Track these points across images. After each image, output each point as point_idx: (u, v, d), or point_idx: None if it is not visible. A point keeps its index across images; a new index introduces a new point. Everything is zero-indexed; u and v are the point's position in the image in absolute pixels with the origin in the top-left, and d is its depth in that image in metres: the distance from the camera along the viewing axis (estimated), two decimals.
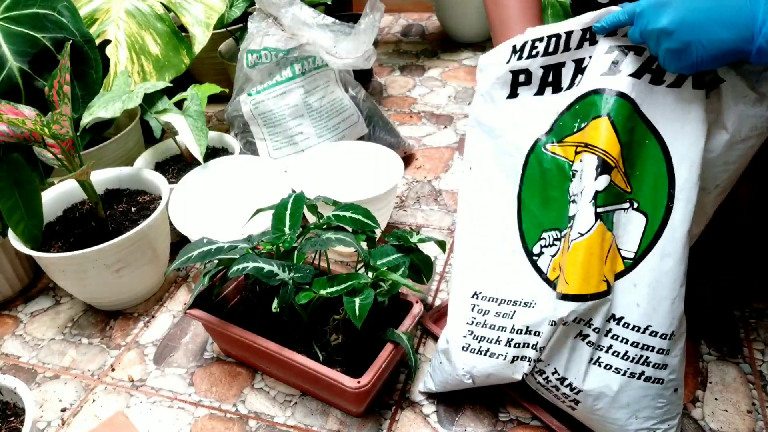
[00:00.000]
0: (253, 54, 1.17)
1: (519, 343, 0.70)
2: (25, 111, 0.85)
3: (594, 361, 0.66)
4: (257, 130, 1.20)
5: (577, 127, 0.68)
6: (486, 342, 0.72)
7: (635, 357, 0.64)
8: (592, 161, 0.65)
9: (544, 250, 0.71)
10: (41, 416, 0.83)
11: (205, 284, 0.79)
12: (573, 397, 0.68)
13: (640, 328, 0.64)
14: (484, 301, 0.73)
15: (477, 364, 0.73)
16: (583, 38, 0.68)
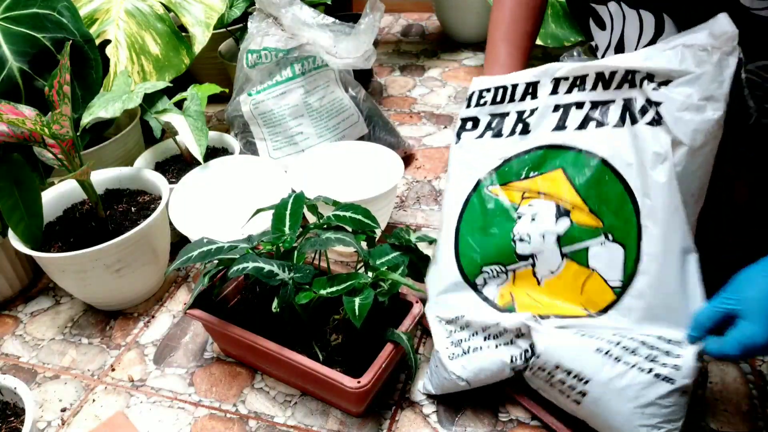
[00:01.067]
0: (253, 54, 1.17)
1: (499, 333, 0.73)
2: (25, 111, 0.85)
3: (604, 352, 0.66)
4: (257, 130, 1.20)
5: (525, 175, 0.75)
6: (466, 342, 0.75)
7: (646, 355, 0.64)
8: (549, 208, 0.73)
9: (488, 281, 0.76)
10: (41, 416, 0.83)
11: (205, 284, 0.79)
12: (580, 389, 0.68)
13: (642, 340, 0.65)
14: (450, 324, 0.78)
15: (465, 364, 0.74)
16: (526, 92, 0.76)
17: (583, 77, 0.72)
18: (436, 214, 1.14)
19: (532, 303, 0.73)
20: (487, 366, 0.73)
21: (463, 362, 0.75)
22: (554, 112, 0.74)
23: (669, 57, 0.65)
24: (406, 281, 0.75)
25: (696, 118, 0.64)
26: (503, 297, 0.75)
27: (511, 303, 0.74)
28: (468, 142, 0.80)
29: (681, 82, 0.64)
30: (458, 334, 0.76)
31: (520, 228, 0.74)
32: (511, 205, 0.76)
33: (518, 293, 0.74)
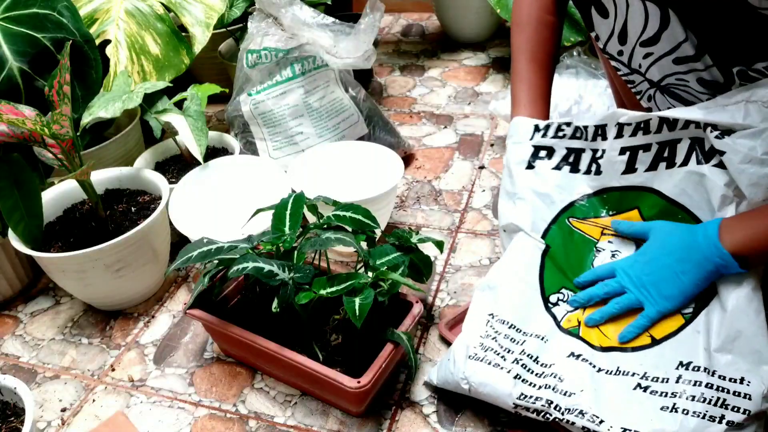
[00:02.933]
0: (253, 54, 1.17)
1: (526, 366, 0.71)
2: (25, 111, 0.85)
3: (668, 408, 0.65)
4: (257, 130, 1.20)
5: (606, 213, 0.80)
6: (493, 353, 0.73)
7: (712, 399, 0.63)
8: (629, 246, 0.77)
9: (560, 303, 0.77)
10: (41, 416, 0.83)
11: (205, 284, 0.79)
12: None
13: (711, 371, 0.65)
14: (498, 323, 0.75)
15: (477, 371, 0.72)
16: (596, 133, 0.79)
17: (647, 122, 0.74)
18: (436, 214, 1.14)
19: (597, 333, 0.73)
20: (495, 386, 0.71)
21: (477, 368, 0.72)
22: (621, 155, 0.77)
23: (732, 113, 0.67)
24: (406, 281, 0.75)
25: (759, 171, 0.65)
26: (570, 321, 0.75)
27: (577, 329, 0.74)
28: (544, 171, 0.82)
29: (745, 135, 0.66)
30: (495, 342, 0.74)
31: (600, 261, 0.77)
32: (591, 239, 0.79)
33: (583, 320, 0.75)
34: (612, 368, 0.69)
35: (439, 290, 0.97)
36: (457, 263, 1.01)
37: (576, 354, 0.71)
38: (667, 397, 0.65)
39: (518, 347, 0.73)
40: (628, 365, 0.69)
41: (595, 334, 0.73)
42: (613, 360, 0.70)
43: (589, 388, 0.68)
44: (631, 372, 0.68)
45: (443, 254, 1.03)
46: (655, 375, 0.67)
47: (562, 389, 0.68)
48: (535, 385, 0.69)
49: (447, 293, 0.96)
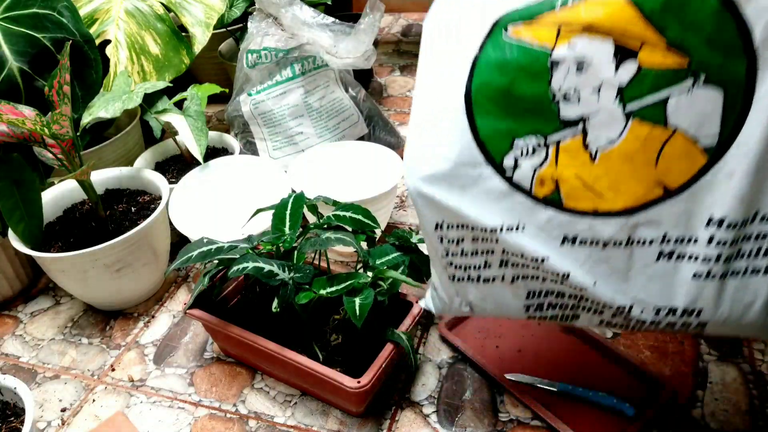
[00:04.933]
0: (253, 54, 1.17)
1: (517, 263, 0.58)
2: (25, 111, 0.85)
3: (703, 276, 0.53)
4: (257, 130, 1.20)
5: (562, 2, 0.52)
6: (473, 270, 0.61)
7: (755, 251, 0.52)
8: (604, 49, 0.51)
9: (521, 161, 0.56)
10: (41, 416, 0.83)
11: (205, 284, 0.79)
12: (696, 322, 0.55)
13: (747, 220, 0.51)
14: (452, 230, 0.59)
15: (471, 290, 0.62)
16: None
17: None
18: None
19: (584, 193, 0.55)
20: (499, 298, 0.61)
21: (469, 288, 0.62)
22: None
23: None
24: (406, 279, 0.75)
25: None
26: (543, 184, 0.56)
27: (555, 192, 0.55)
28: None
29: None
30: (463, 260, 0.60)
31: (561, 80, 0.53)
32: (541, 49, 0.53)
33: (564, 177, 0.55)
34: (620, 238, 0.54)
35: None
36: None
37: (570, 237, 0.56)
38: (698, 262, 0.53)
39: (495, 246, 0.58)
40: (646, 231, 0.54)
41: (584, 196, 0.55)
42: (622, 228, 0.54)
43: (603, 276, 0.55)
44: (644, 240, 0.54)
45: None
46: (678, 236, 0.53)
47: (570, 284, 0.57)
48: (538, 278, 0.58)
49: None
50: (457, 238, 0.60)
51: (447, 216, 0.59)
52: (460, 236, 0.60)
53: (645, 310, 0.55)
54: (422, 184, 0.58)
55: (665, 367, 0.81)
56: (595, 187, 0.54)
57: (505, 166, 0.57)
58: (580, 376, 0.79)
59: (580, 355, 0.82)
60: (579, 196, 0.55)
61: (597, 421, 0.74)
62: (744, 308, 0.53)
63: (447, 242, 0.61)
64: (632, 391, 0.77)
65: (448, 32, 0.58)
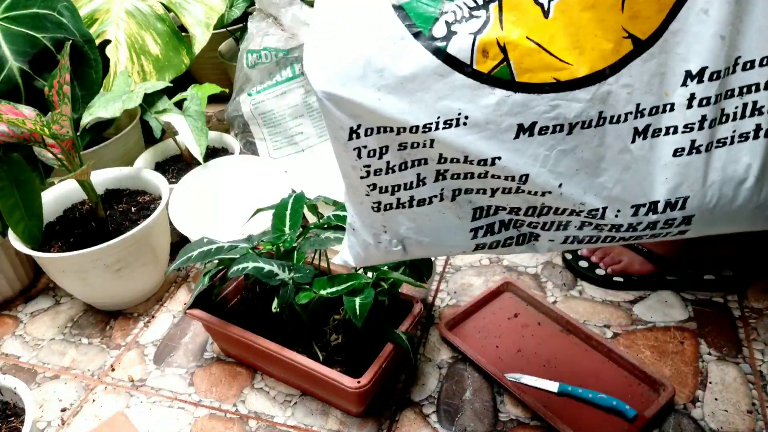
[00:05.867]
0: (253, 54, 1.17)
1: (458, 173, 0.47)
2: (25, 111, 0.85)
3: (687, 149, 0.44)
4: (257, 130, 1.20)
5: None
6: (404, 190, 0.49)
7: (741, 108, 0.44)
8: None
9: (454, 27, 0.44)
10: (41, 416, 0.83)
11: (205, 284, 0.79)
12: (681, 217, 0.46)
13: (729, 68, 0.43)
14: (372, 137, 0.47)
15: (402, 220, 0.50)
16: None
17: None
18: None
19: (540, 59, 0.43)
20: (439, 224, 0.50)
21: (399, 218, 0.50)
22: None
23: None
24: (407, 279, 0.75)
25: None
26: (488, 54, 0.44)
27: (504, 63, 0.44)
28: None
29: None
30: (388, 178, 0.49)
31: None
32: None
33: (514, 41, 0.43)
34: (591, 116, 0.44)
35: (439, 290, 0.97)
36: (457, 263, 1.01)
37: (528, 125, 0.44)
38: (678, 133, 0.44)
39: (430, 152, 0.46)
40: (613, 103, 0.44)
41: (540, 64, 0.43)
42: (592, 101, 0.43)
43: (570, 173, 0.45)
44: (617, 115, 0.44)
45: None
46: (653, 104, 0.44)
47: (527, 190, 0.46)
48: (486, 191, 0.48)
49: (447, 293, 0.96)
50: (380, 148, 0.47)
51: (364, 118, 0.46)
52: (382, 144, 0.47)
53: (621, 211, 0.45)
54: (332, 83, 0.45)
55: (665, 367, 0.81)
56: (553, 48, 0.43)
57: (435, 35, 0.44)
58: (580, 376, 0.79)
59: (580, 355, 0.82)
60: (534, 65, 0.43)
61: (597, 422, 0.74)
62: (735, 188, 0.45)
63: (367, 155, 0.48)
64: (632, 391, 0.77)
65: None
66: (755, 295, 0.91)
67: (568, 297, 0.94)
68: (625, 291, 0.93)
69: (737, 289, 0.91)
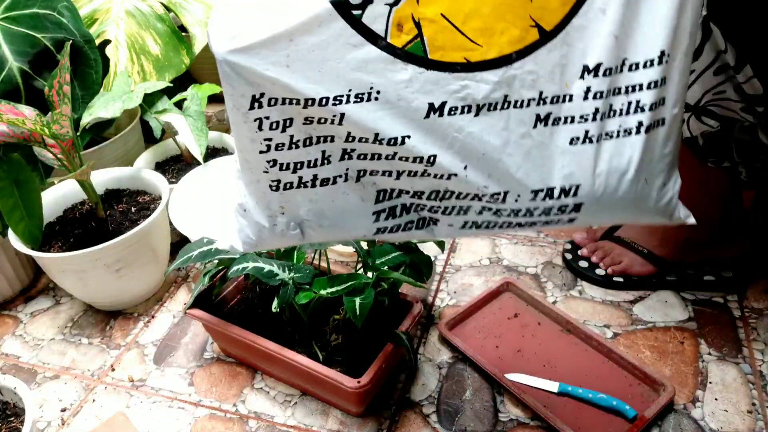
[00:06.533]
0: None
1: (365, 153, 0.46)
2: (25, 111, 0.85)
3: (581, 139, 0.47)
4: None
5: None
6: (307, 168, 0.47)
7: (626, 106, 0.47)
8: None
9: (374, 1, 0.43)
10: (41, 416, 0.83)
11: (205, 284, 0.79)
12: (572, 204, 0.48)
13: (617, 67, 0.46)
14: (275, 108, 0.45)
15: (302, 201, 0.48)
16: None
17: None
18: None
19: (453, 38, 0.44)
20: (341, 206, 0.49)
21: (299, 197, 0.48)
22: None
23: None
24: (408, 279, 0.75)
25: None
26: (402, 28, 0.43)
27: (417, 39, 0.43)
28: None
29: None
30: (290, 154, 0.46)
31: None
32: None
33: (429, 16, 0.43)
34: (497, 98, 0.45)
35: (439, 290, 0.97)
36: (457, 263, 1.01)
37: (438, 105, 0.44)
38: (575, 123, 0.46)
39: (338, 129, 0.45)
40: (518, 88, 0.45)
41: (453, 43, 0.44)
42: (499, 84, 0.45)
43: (475, 156, 0.46)
44: (522, 100, 0.45)
45: (443, 254, 1.03)
46: (554, 93, 0.46)
47: (434, 173, 0.46)
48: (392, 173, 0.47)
49: (447, 293, 0.96)
50: (284, 120, 0.45)
51: (269, 87, 0.44)
52: (286, 117, 0.45)
53: (521, 196, 0.47)
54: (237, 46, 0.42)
55: (665, 367, 0.81)
56: (466, 29, 0.43)
57: (351, 1, 0.42)
58: (580, 376, 0.79)
59: (580, 355, 0.82)
60: (446, 44, 0.43)
61: (597, 422, 0.74)
62: (619, 178, 0.48)
63: (269, 128, 0.45)
64: (632, 391, 0.77)
65: None
66: (755, 295, 0.91)
67: (568, 297, 0.94)
68: (625, 291, 0.93)
69: (737, 289, 0.92)
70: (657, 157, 0.49)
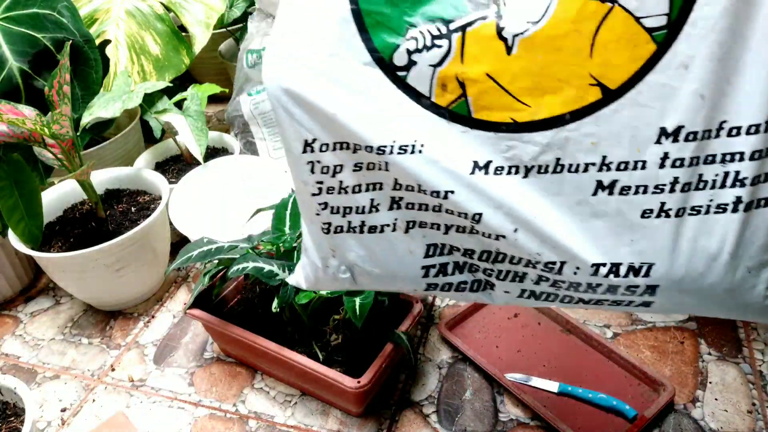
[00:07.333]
0: (253, 54, 1.17)
1: (413, 203, 0.46)
2: (25, 111, 0.85)
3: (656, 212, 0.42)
4: (257, 130, 1.20)
5: None
6: (356, 213, 0.48)
7: (720, 178, 0.41)
8: None
9: (416, 58, 0.44)
10: (41, 416, 0.83)
11: (205, 284, 0.79)
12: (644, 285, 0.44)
13: (707, 131, 0.40)
14: (328, 153, 0.46)
15: (352, 245, 0.49)
16: None
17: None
18: None
19: (499, 98, 0.42)
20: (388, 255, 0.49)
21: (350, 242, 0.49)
22: None
23: None
24: None
25: None
26: (446, 88, 0.43)
27: (462, 99, 0.43)
28: None
29: None
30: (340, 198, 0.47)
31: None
32: None
33: (473, 76, 0.43)
34: (548, 161, 0.42)
35: None
36: None
37: (483, 163, 0.43)
38: (648, 194, 0.42)
39: (385, 177, 0.45)
40: (572, 152, 0.42)
41: (498, 103, 0.43)
42: (549, 146, 0.42)
43: (523, 218, 0.43)
44: (578, 164, 0.42)
45: None
46: (621, 159, 0.42)
47: (481, 231, 0.45)
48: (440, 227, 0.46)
49: None
50: (335, 166, 0.46)
51: (321, 130, 0.45)
52: (338, 162, 0.46)
53: (580, 268, 0.43)
54: (288, 82, 0.44)
55: (665, 367, 0.81)
56: (513, 88, 0.42)
57: (396, 63, 0.43)
58: (580, 376, 0.79)
59: (580, 355, 0.83)
60: (492, 104, 0.42)
61: (597, 422, 0.74)
62: (706, 262, 0.42)
63: (320, 171, 0.47)
64: (632, 391, 0.77)
65: None
66: None
67: None
68: None
69: None
70: (766, 243, 0.42)
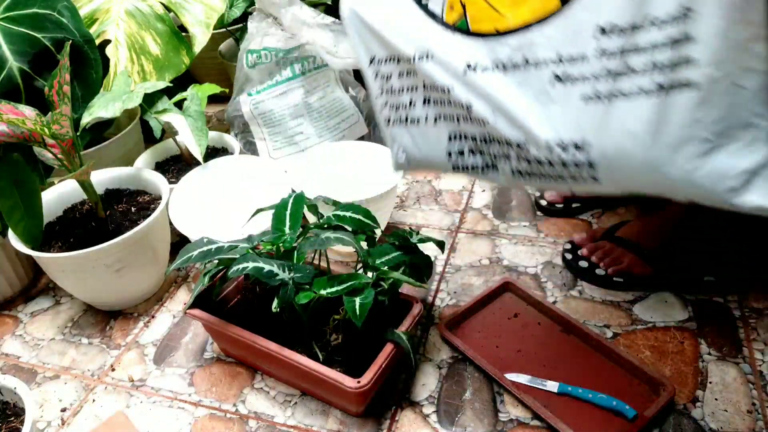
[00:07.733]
0: (253, 54, 1.17)
1: (438, 100, 0.61)
2: (25, 111, 0.85)
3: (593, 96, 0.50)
4: (257, 130, 1.20)
5: None
6: (402, 109, 0.65)
7: (642, 66, 0.48)
8: None
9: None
10: (41, 416, 0.83)
11: (205, 284, 0.79)
12: (586, 160, 0.52)
13: (634, 25, 0.48)
14: (382, 65, 0.65)
15: (403, 134, 0.65)
16: None
17: None
18: (436, 213, 1.14)
19: (487, 13, 0.56)
20: (426, 143, 0.65)
21: (402, 133, 0.66)
22: None
23: None
24: (408, 279, 0.75)
25: None
26: (453, 8, 0.59)
27: (463, 17, 0.58)
28: None
29: None
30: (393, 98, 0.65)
31: None
32: None
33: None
34: (520, 59, 0.54)
35: (439, 290, 0.97)
36: (457, 263, 1.01)
37: (473, 64, 0.57)
38: (587, 82, 0.51)
39: (417, 81, 0.62)
40: (540, 50, 0.53)
41: (487, 17, 0.56)
42: (519, 47, 0.54)
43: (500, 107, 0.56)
44: (543, 60, 0.53)
45: (443, 254, 1.03)
46: (570, 53, 0.52)
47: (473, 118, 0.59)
48: (455, 118, 0.60)
49: (447, 293, 0.96)
50: (388, 74, 0.64)
51: (377, 47, 0.64)
52: (389, 71, 0.64)
53: (538, 146, 0.53)
54: (357, 6, 0.64)
55: (665, 367, 0.81)
56: (497, 4, 0.56)
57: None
58: (580, 376, 0.79)
59: (580, 355, 0.82)
60: (483, 18, 0.56)
61: (597, 422, 0.74)
62: (632, 140, 0.48)
63: (380, 78, 0.65)
64: (632, 391, 0.77)
65: None
66: (755, 295, 0.91)
67: (568, 297, 0.94)
68: (624, 291, 0.93)
69: (737, 289, 0.91)
70: (686, 122, 0.47)
